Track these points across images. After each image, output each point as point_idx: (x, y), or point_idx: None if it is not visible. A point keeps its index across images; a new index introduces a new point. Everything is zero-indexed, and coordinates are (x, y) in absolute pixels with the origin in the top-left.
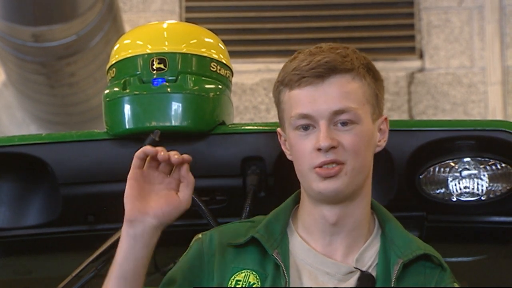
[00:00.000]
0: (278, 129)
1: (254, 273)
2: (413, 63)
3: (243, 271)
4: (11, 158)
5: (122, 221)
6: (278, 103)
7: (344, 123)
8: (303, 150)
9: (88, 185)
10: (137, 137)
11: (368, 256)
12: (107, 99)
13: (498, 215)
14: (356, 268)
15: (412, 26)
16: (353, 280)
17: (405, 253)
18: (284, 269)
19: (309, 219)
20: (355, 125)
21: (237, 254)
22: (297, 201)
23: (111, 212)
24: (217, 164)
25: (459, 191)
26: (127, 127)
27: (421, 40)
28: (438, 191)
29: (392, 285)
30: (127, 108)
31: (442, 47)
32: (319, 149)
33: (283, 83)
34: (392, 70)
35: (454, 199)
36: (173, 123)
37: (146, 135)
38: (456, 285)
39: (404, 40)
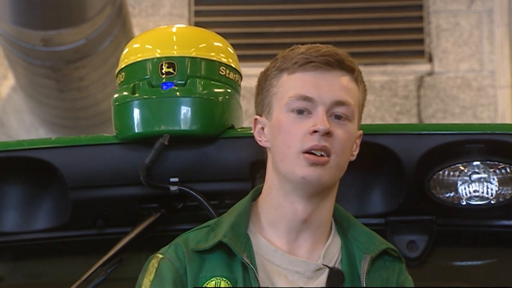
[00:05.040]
0: (256, 116)
1: (224, 279)
2: (422, 67)
3: (212, 279)
4: (20, 162)
5: (131, 225)
6: (267, 87)
7: (339, 117)
8: (295, 133)
9: (97, 189)
10: (146, 141)
11: (333, 253)
12: (117, 103)
13: (508, 219)
14: (325, 265)
15: (421, 30)
16: (322, 277)
17: (370, 248)
18: (255, 272)
19: (276, 213)
20: (348, 122)
21: (203, 261)
22: (254, 199)
23: (120, 216)
24: (226, 168)
25: (468, 195)
26: (136, 131)
27: (430, 43)
28: (447, 195)
29: (364, 280)
30: (136, 112)
31: (451, 50)
32: (314, 132)
33: (281, 68)
34: (402, 73)
35: (464, 203)
36: (182, 127)
37: (155, 139)
38: (410, 277)
39: (413, 43)
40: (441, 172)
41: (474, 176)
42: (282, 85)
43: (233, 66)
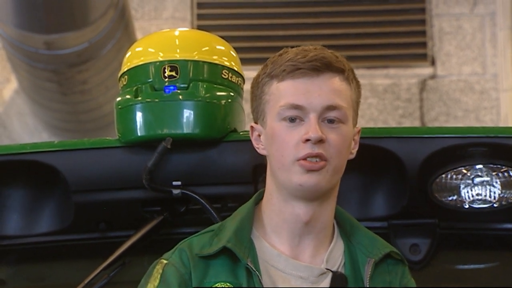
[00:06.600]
0: (252, 124)
1: (228, 284)
2: (425, 70)
3: (217, 284)
4: (24, 166)
5: (134, 229)
6: (259, 94)
7: (332, 121)
8: (288, 142)
9: (100, 193)
10: (149, 145)
11: (336, 257)
12: (119, 107)
13: (511, 222)
14: (328, 269)
15: (424, 33)
16: (326, 281)
17: (373, 252)
18: (260, 277)
19: (278, 218)
20: (342, 124)
21: (207, 266)
22: (257, 203)
23: (123, 219)
24: (228, 171)
25: (471, 198)
26: (139, 134)
27: (433, 47)
28: (450, 198)
29: (367, 284)
30: (139, 116)
31: (454, 53)
32: (307, 140)
33: (271, 75)
34: (404, 77)
35: (467, 206)
36: (185, 131)
37: (158, 143)
38: (413, 280)
39: (416, 47)
40: (443, 176)
41: (477, 180)
42: (273, 92)
43: (236, 69)
